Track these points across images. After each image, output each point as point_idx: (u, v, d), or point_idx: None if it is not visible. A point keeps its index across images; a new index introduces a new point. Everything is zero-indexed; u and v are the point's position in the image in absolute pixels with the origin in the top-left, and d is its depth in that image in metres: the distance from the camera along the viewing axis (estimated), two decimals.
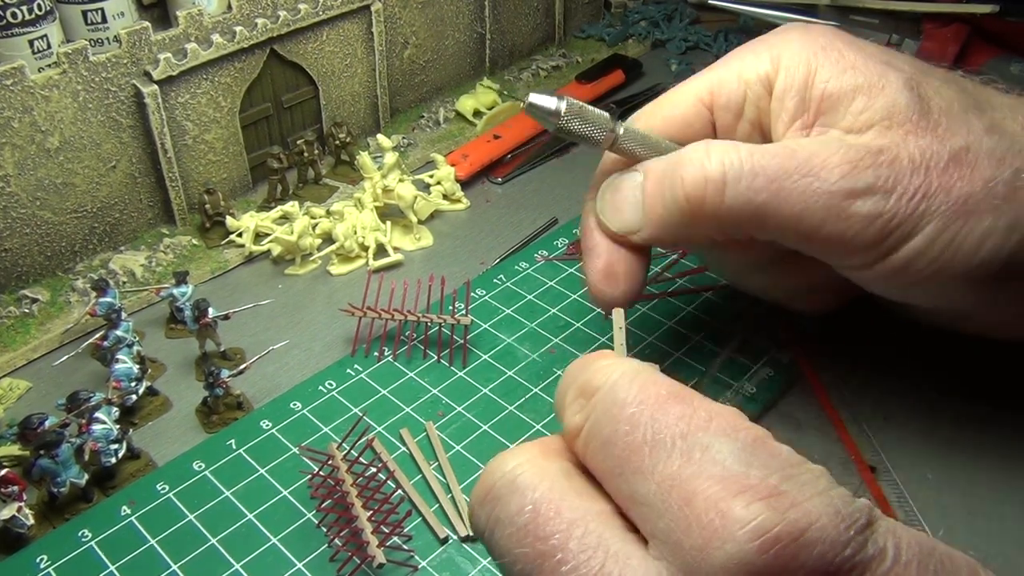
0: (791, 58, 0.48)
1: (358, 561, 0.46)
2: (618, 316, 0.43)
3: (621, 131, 0.49)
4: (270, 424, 0.56)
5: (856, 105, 0.46)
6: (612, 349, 0.40)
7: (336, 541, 0.48)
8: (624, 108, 0.91)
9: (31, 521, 0.49)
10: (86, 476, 0.51)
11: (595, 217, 0.51)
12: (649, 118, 0.52)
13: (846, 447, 0.54)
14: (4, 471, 0.49)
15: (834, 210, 0.45)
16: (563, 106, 0.47)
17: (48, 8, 0.65)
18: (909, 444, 0.54)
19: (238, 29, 0.71)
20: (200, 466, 0.54)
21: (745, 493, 0.29)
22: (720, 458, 0.30)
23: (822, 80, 0.47)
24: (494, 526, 0.33)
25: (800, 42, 0.49)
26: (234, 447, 0.55)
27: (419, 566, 0.48)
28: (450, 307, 0.63)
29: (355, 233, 0.71)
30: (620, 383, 0.34)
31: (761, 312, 0.63)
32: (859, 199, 0.45)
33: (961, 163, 0.45)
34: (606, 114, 0.49)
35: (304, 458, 0.54)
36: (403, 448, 0.55)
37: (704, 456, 0.30)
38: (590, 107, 0.49)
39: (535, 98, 0.47)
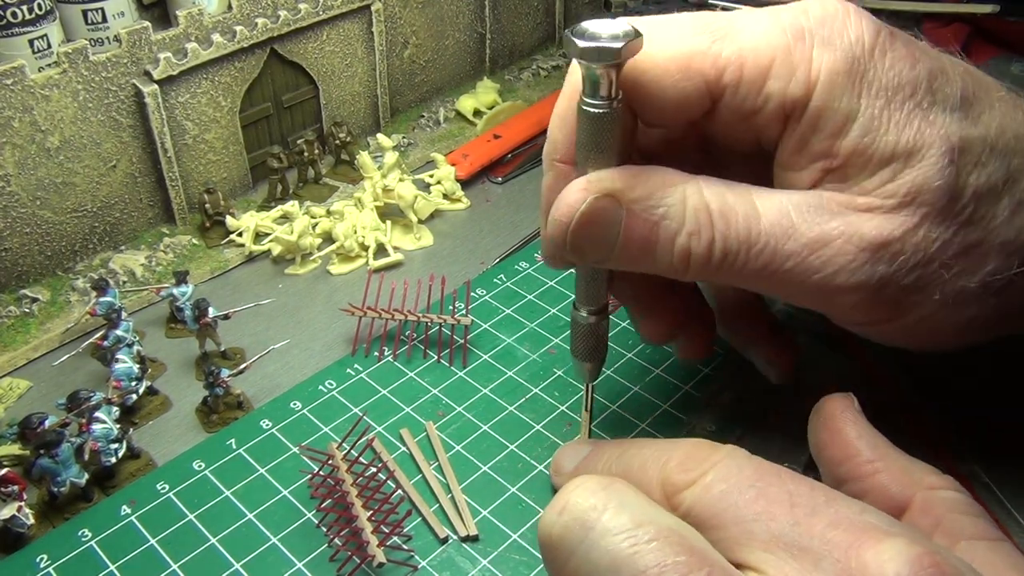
0: (831, 85, 0.41)
1: (358, 561, 0.46)
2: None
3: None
4: (270, 424, 0.56)
5: (884, 174, 0.41)
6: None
7: (336, 541, 0.48)
8: None
9: (31, 520, 0.49)
10: (86, 476, 0.51)
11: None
12: None
13: None
14: (4, 471, 0.49)
15: (821, 294, 0.43)
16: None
17: (48, 8, 0.65)
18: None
19: (238, 29, 0.71)
20: (200, 466, 0.54)
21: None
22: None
23: (858, 136, 0.41)
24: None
25: (844, 74, 0.41)
26: (234, 447, 0.55)
27: (419, 566, 0.48)
28: (450, 307, 0.63)
29: (355, 233, 0.71)
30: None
31: None
32: (849, 294, 0.42)
33: (969, 256, 0.41)
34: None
35: (304, 458, 0.54)
36: (403, 448, 0.55)
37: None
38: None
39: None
